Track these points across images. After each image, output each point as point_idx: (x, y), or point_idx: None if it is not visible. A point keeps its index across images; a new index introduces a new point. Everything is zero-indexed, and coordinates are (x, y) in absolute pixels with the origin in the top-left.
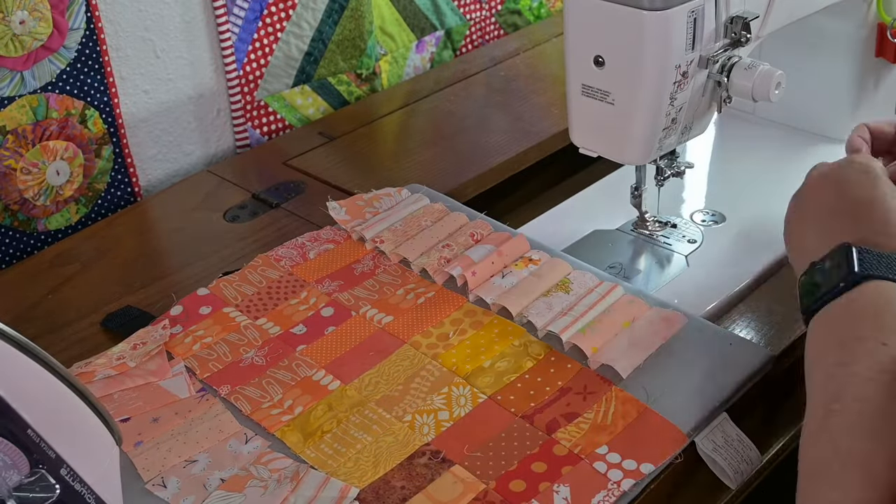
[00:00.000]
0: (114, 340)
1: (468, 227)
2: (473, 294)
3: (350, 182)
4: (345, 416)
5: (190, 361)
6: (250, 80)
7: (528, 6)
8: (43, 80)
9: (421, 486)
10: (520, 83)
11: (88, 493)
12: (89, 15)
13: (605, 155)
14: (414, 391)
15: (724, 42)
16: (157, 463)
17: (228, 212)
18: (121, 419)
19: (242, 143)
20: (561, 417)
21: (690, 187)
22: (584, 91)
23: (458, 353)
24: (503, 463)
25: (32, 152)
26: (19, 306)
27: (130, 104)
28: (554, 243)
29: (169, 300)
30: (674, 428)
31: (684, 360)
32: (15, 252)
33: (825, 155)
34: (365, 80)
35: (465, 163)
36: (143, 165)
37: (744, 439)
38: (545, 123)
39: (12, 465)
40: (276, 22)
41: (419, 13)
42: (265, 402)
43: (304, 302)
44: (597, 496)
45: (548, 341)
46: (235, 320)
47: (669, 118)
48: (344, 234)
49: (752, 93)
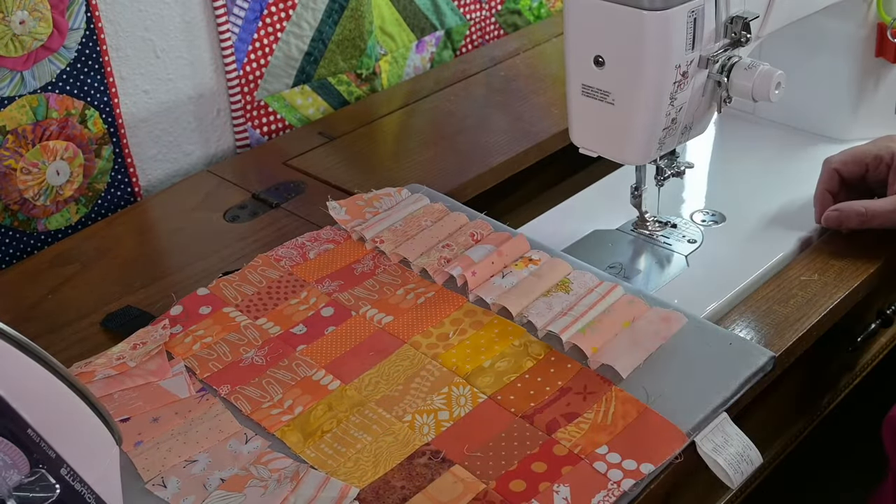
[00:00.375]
0: (114, 340)
1: (468, 227)
2: (473, 294)
3: (350, 182)
4: (345, 416)
5: (190, 361)
6: (250, 80)
7: (528, 6)
8: (43, 80)
9: (421, 486)
10: (520, 83)
11: (88, 492)
12: (89, 15)
13: (605, 155)
14: (414, 391)
15: (724, 42)
16: (157, 463)
17: (228, 212)
18: (121, 419)
19: (242, 143)
20: (561, 417)
21: (690, 187)
22: (584, 91)
23: (458, 353)
24: (503, 463)
25: (32, 152)
26: (19, 306)
27: (130, 104)
28: (554, 243)
29: (169, 300)
30: (674, 428)
31: (684, 360)
32: (15, 252)
33: (825, 155)
34: (365, 80)
35: (465, 163)
36: (143, 165)
37: (744, 439)
38: (545, 123)
39: (12, 464)
40: (276, 22)
41: (419, 13)
42: (265, 402)
43: (304, 302)
44: (597, 496)
45: (548, 341)
46: (235, 320)
47: (669, 118)
48: (344, 234)
49: (752, 93)
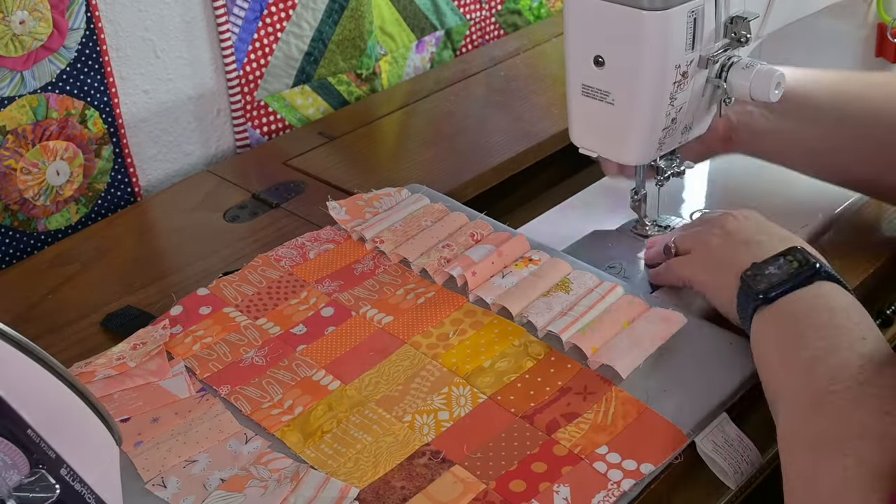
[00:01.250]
0: (114, 340)
1: (468, 227)
2: (473, 294)
3: (350, 182)
4: (345, 417)
5: (190, 361)
6: (250, 80)
7: (528, 6)
8: (43, 80)
9: (421, 487)
10: (520, 83)
11: (88, 493)
12: (89, 15)
13: (605, 155)
14: (414, 391)
15: (724, 42)
16: (157, 463)
17: (228, 212)
18: (121, 419)
19: (242, 143)
20: (561, 417)
21: (690, 187)
22: (584, 91)
23: (458, 353)
24: (503, 463)
25: (32, 152)
26: (19, 306)
27: (130, 104)
28: (554, 243)
29: (169, 300)
30: (674, 428)
31: (684, 360)
32: (15, 252)
33: None
34: (365, 80)
35: (465, 163)
36: (143, 165)
37: (744, 439)
38: (545, 123)
39: (12, 465)
40: (276, 22)
41: (419, 13)
42: (265, 402)
43: (304, 302)
44: (597, 496)
45: (548, 341)
46: (235, 320)
47: (669, 118)
48: (344, 234)
49: (751, 93)
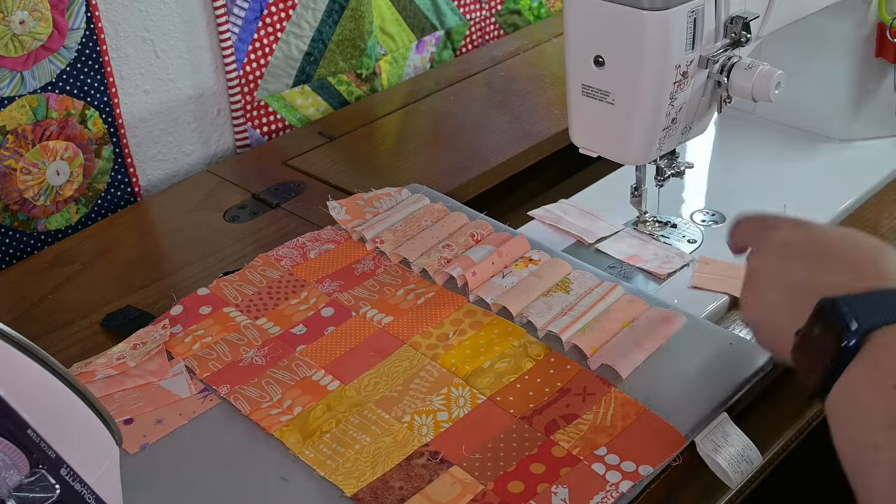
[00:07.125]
0: (114, 340)
1: (468, 227)
2: (473, 294)
3: (350, 182)
4: (344, 417)
5: (190, 361)
6: (250, 80)
7: (528, 6)
8: (43, 80)
9: (419, 487)
10: (520, 83)
11: (88, 493)
12: (89, 15)
13: (605, 155)
14: (413, 392)
15: (724, 42)
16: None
17: (228, 212)
18: (124, 420)
19: (242, 143)
20: (560, 419)
21: (690, 187)
22: (584, 91)
23: (457, 353)
24: (502, 464)
25: (32, 152)
26: (19, 306)
27: (130, 104)
28: (554, 243)
29: (169, 300)
30: (673, 430)
31: (684, 360)
32: (15, 252)
33: (825, 155)
34: (365, 80)
35: (465, 163)
36: (143, 165)
37: (744, 439)
38: (545, 123)
39: (12, 465)
40: (276, 22)
41: (419, 13)
42: (265, 401)
43: (304, 302)
44: (595, 498)
45: (548, 341)
46: (235, 320)
47: (669, 118)
48: (344, 234)
49: (751, 93)
